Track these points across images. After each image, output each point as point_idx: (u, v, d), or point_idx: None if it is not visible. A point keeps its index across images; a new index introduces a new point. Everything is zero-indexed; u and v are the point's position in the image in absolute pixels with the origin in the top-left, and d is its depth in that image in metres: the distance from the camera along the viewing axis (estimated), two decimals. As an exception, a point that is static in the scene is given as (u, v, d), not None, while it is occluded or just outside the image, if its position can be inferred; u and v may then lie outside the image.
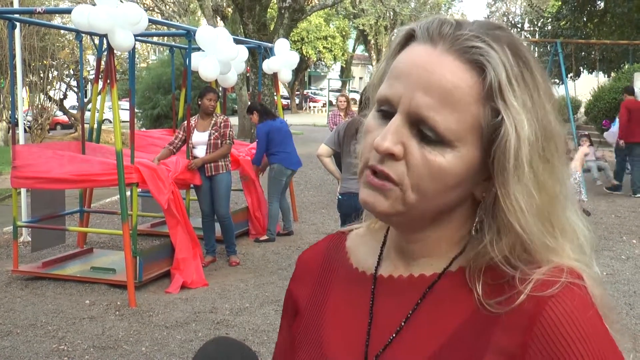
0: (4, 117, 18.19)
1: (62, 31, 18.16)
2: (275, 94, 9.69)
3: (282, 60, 8.98)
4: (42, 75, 17.78)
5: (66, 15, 16.88)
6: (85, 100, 14.15)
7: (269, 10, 19.02)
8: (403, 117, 0.77)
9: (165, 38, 11.11)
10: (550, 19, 24.27)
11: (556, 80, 14.14)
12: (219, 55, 7.00)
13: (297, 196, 9.91)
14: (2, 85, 17.61)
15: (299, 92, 45.47)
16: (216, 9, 20.34)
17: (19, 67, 7.60)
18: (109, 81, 5.92)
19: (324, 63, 45.57)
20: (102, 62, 6.93)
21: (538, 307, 0.73)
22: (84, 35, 7.07)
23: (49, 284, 6.03)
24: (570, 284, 0.74)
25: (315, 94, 49.35)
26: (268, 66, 9.03)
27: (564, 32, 21.44)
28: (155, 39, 10.94)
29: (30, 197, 7.01)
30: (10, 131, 7.99)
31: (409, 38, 0.82)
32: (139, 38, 6.82)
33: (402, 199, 0.77)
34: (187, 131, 6.62)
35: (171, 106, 9.26)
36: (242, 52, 7.87)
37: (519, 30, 30.91)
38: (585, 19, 21.30)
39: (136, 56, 11.47)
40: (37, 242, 6.82)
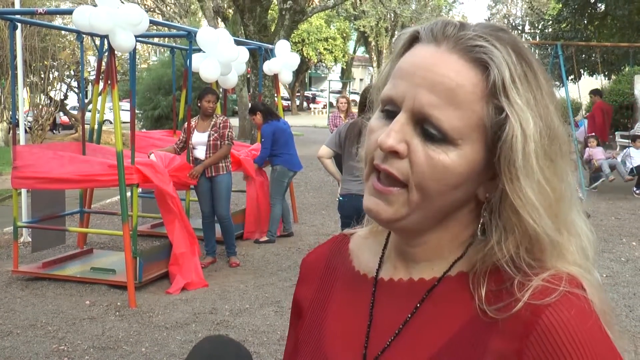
0: (4, 118, 18.19)
1: (63, 32, 18.16)
2: (275, 95, 9.69)
3: (282, 61, 8.98)
4: (42, 76, 17.76)
5: (67, 16, 16.87)
6: (86, 101, 14.13)
7: (269, 11, 19.03)
8: (407, 116, 0.77)
9: (166, 39, 11.14)
10: (550, 22, 24.26)
11: (557, 83, 14.14)
12: (219, 56, 7.00)
13: (297, 197, 9.91)
14: (3, 85, 17.60)
15: (299, 94, 45.46)
16: (217, 10, 20.34)
17: (20, 68, 7.61)
18: (109, 82, 5.93)
19: (324, 64, 45.57)
20: (103, 63, 6.94)
21: (534, 315, 0.73)
22: (84, 36, 7.08)
23: (49, 285, 6.03)
24: (568, 293, 0.73)
25: (316, 95, 49.34)
26: (269, 67, 9.03)
27: (565, 35, 21.44)
28: (156, 40, 10.96)
29: (31, 198, 7.02)
30: (10, 132, 7.99)
31: (413, 40, 0.82)
32: (139, 39, 6.82)
33: (407, 200, 0.77)
34: (187, 132, 6.64)
35: (172, 107, 9.27)
36: (243, 53, 7.87)
37: (519, 32, 30.90)
38: (585, 21, 21.30)
39: (137, 57, 11.48)
40: (38, 243, 6.83)
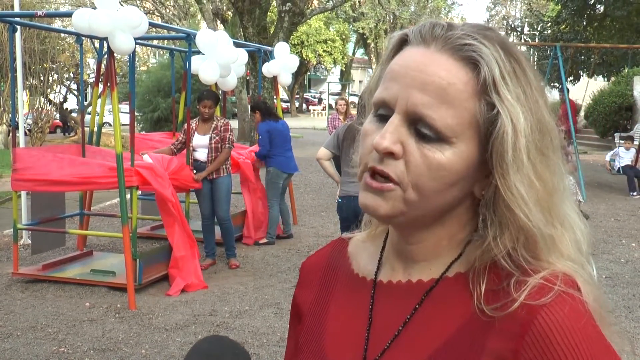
0: (4, 120, 18.19)
1: (62, 34, 18.18)
2: (275, 97, 9.69)
3: (281, 63, 8.99)
4: (42, 79, 17.78)
5: (66, 18, 16.88)
6: (86, 104, 14.15)
7: (269, 13, 19.04)
8: (401, 117, 0.78)
9: (166, 41, 11.17)
10: (549, 23, 24.30)
11: (556, 84, 14.15)
12: (219, 58, 7.01)
13: (297, 199, 9.92)
14: (3, 88, 17.61)
15: (298, 96, 45.44)
16: (216, 12, 20.36)
17: (20, 70, 7.61)
18: (109, 84, 5.94)
19: (323, 66, 45.53)
20: (103, 66, 6.95)
21: (530, 315, 0.73)
22: (84, 38, 7.09)
23: (49, 287, 6.03)
24: (563, 293, 0.74)
25: (314, 97, 49.33)
26: (268, 69, 9.04)
27: (564, 36, 21.47)
28: (155, 42, 10.96)
29: (31, 200, 7.02)
30: (10, 134, 8.00)
31: (402, 43, 0.83)
32: (139, 41, 6.82)
33: (403, 198, 0.78)
34: (187, 134, 6.64)
35: (171, 109, 9.27)
36: (242, 55, 7.88)
37: (518, 34, 30.93)
38: (584, 22, 21.30)
39: (136, 59, 11.48)
40: (37, 245, 6.84)
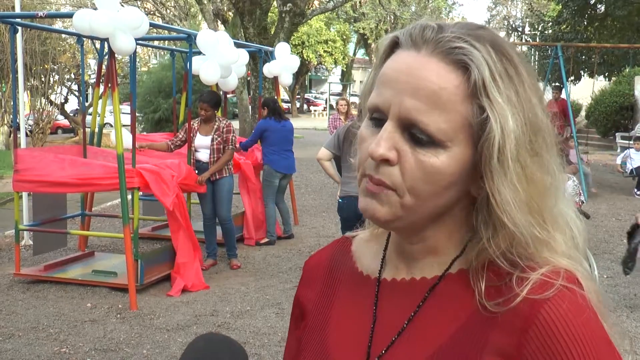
0: (5, 121, 18.19)
1: (63, 35, 18.16)
2: (275, 97, 9.69)
3: (282, 64, 8.99)
4: (43, 80, 17.77)
5: (67, 19, 16.88)
6: (87, 104, 14.14)
7: (269, 14, 19.03)
8: (394, 123, 0.78)
9: (166, 42, 11.16)
10: (550, 23, 24.30)
11: (556, 84, 14.15)
12: (219, 59, 7.01)
13: (298, 200, 9.92)
14: (4, 89, 17.61)
15: (299, 96, 45.43)
16: (217, 13, 20.35)
17: (21, 71, 7.62)
18: (110, 85, 5.94)
19: (324, 67, 45.52)
20: (103, 66, 6.96)
21: (533, 309, 0.74)
22: (85, 39, 7.09)
23: (51, 287, 6.04)
24: (565, 287, 0.75)
25: (317, 97, 49.29)
26: (269, 70, 9.04)
27: (565, 36, 21.47)
28: (156, 42, 10.99)
29: (32, 201, 7.03)
30: (11, 135, 8.00)
31: (393, 46, 0.83)
32: (139, 42, 6.83)
33: (400, 203, 0.79)
34: (188, 134, 6.64)
35: (172, 110, 9.27)
36: (243, 55, 7.88)
37: (519, 34, 30.94)
38: (585, 22, 21.32)
39: (137, 60, 11.49)
40: (39, 246, 6.84)
